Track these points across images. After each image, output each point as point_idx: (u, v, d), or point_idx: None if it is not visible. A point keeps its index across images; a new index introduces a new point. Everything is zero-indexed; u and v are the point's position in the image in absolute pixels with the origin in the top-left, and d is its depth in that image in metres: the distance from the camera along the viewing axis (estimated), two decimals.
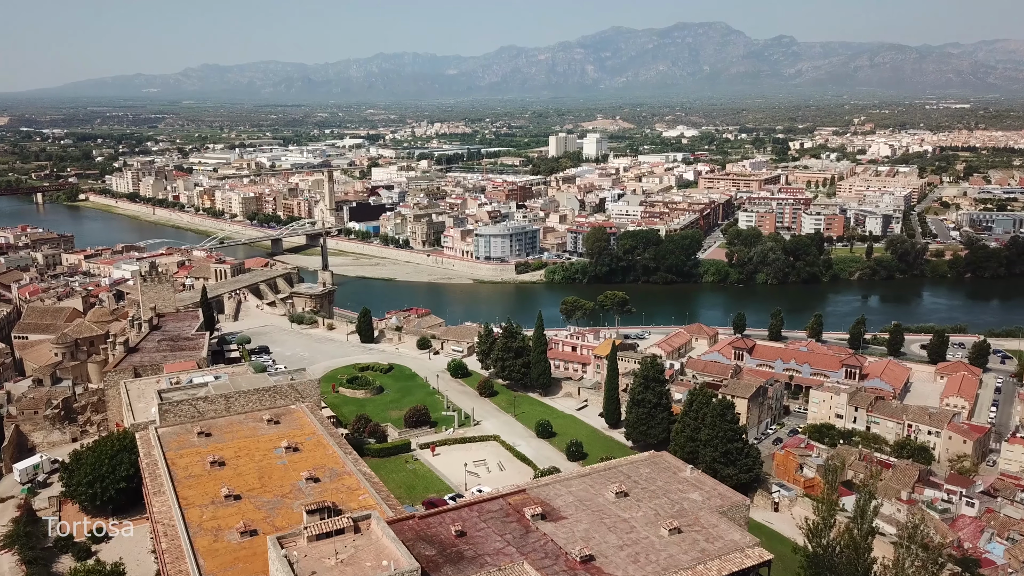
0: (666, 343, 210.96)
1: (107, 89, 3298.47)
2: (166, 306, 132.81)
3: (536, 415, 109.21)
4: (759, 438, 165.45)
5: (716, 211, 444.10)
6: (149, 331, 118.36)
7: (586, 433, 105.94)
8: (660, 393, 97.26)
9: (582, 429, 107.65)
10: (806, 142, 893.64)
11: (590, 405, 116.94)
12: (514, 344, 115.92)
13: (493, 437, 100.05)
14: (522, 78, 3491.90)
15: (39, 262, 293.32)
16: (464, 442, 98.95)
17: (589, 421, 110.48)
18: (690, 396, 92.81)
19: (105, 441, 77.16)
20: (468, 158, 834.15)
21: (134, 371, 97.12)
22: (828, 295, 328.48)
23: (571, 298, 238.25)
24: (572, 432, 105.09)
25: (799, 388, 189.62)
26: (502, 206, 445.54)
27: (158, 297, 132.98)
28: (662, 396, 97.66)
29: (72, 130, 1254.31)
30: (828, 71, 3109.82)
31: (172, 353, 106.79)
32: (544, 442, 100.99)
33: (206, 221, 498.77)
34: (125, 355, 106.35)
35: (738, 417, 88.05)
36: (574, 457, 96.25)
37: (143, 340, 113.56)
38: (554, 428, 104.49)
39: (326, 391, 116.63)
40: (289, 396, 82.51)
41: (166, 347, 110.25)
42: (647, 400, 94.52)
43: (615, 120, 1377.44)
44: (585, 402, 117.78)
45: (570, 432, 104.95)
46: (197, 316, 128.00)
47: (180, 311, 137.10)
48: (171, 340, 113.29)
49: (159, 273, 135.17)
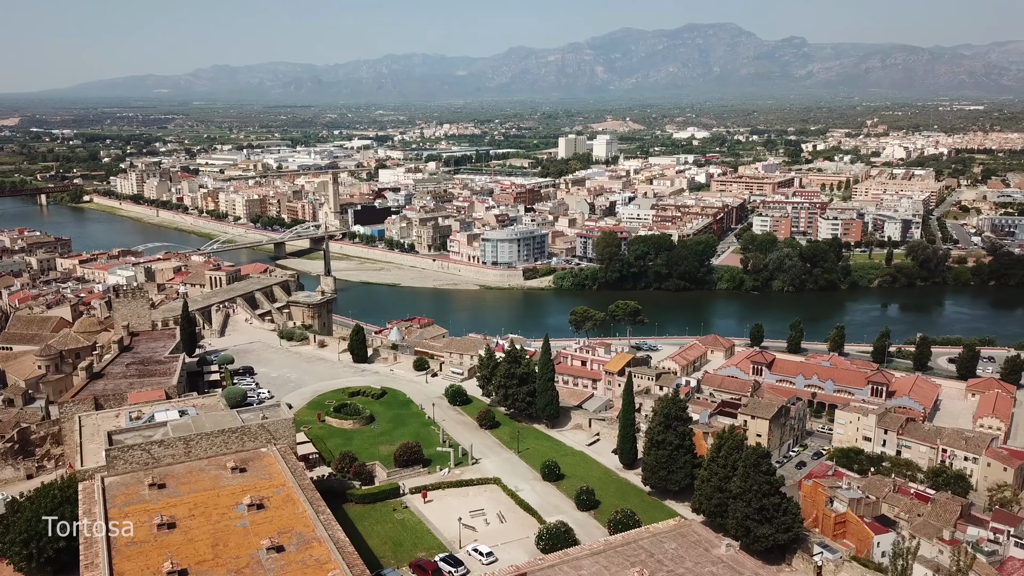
0: (680, 356, 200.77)
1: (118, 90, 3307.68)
2: (141, 324, 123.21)
3: (542, 452, 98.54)
4: (781, 461, 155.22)
5: (730, 215, 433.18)
6: (119, 352, 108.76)
7: (598, 475, 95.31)
8: (683, 434, 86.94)
9: (593, 470, 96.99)
10: (819, 144, 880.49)
11: (602, 439, 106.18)
12: (518, 370, 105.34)
13: (493, 480, 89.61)
14: (531, 79, 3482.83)
15: (33, 267, 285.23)
16: (461, 485, 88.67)
17: (601, 459, 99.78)
18: (718, 440, 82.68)
19: (46, 490, 67.97)
20: (477, 160, 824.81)
21: (95, 401, 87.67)
22: (846, 303, 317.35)
23: (581, 308, 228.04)
24: (582, 474, 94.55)
25: (821, 406, 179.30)
26: (510, 209, 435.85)
27: (132, 314, 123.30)
28: (685, 437, 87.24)
29: (81, 131, 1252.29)
30: (839, 72, 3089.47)
31: (140, 380, 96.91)
32: (551, 486, 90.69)
33: (209, 223, 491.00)
34: (87, 381, 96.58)
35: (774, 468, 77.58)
36: (584, 506, 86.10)
37: (110, 363, 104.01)
38: (562, 469, 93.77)
39: (311, 420, 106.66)
40: (260, 438, 72.91)
41: (135, 372, 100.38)
42: (668, 441, 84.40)
43: (625, 121, 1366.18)
44: (597, 436, 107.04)
45: (580, 473, 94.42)
46: (174, 335, 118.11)
47: (157, 329, 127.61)
48: (141, 364, 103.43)
49: (134, 288, 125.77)
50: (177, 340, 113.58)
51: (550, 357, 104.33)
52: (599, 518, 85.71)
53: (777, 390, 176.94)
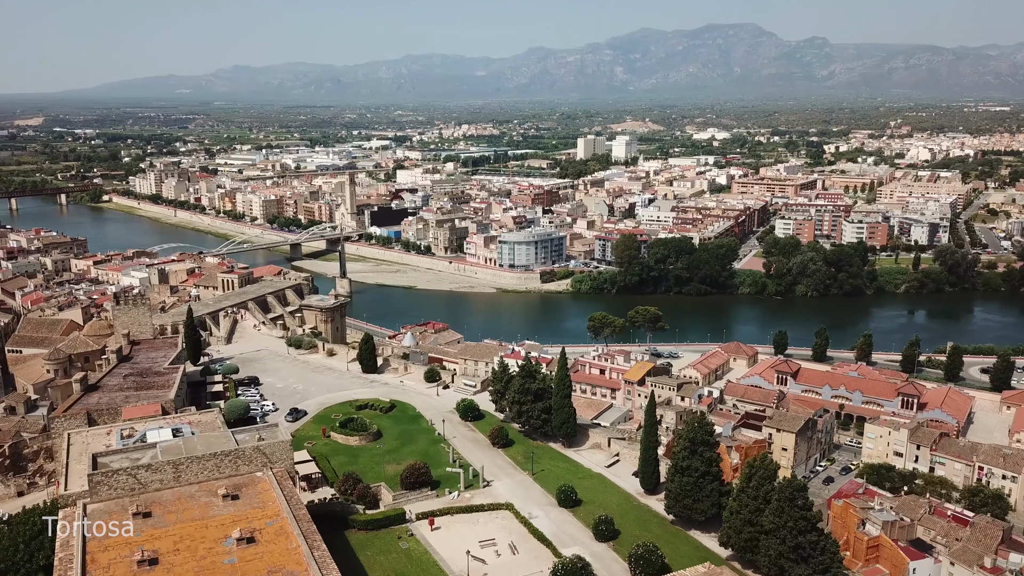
0: (702, 364, 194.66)
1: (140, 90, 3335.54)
2: (142, 332, 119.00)
3: (558, 474, 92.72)
4: (807, 476, 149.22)
5: (751, 217, 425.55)
6: (117, 363, 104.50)
7: (617, 501, 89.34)
8: (709, 460, 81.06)
9: (613, 495, 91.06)
10: (841, 145, 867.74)
11: (622, 460, 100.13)
12: (533, 385, 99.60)
13: (505, 506, 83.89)
14: (550, 80, 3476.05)
15: (48, 268, 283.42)
16: (471, 511, 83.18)
17: (621, 483, 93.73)
18: (749, 468, 77.01)
19: (27, 517, 63.77)
20: (495, 160, 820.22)
21: (87, 416, 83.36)
22: (872, 309, 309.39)
23: (599, 314, 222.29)
24: (601, 499, 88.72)
25: (849, 418, 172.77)
26: (528, 211, 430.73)
27: (132, 322, 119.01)
28: (711, 463, 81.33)
29: (103, 130, 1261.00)
30: (862, 73, 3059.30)
31: (137, 392, 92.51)
32: (567, 513, 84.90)
33: (227, 224, 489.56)
34: (82, 394, 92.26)
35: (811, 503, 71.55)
36: (603, 537, 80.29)
37: (107, 374, 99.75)
38: (579, 494, 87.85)
39: (316, 436, 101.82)
40: (255, 461, 68.28)
41: (132, 384, 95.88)
42: (693, 468, 78.64)
43: (645, 122, 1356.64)
44: (616, 457, 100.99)
45: (598, 499, 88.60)
46: (175, 344, 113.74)
47: (159, 337, 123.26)
48: (139, 375, 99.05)
49: (135, 295, 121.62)
50: (179, 349, 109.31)
51: (567, 372, 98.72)
52: (619, 550, 79.99)
53: (802, 401, 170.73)
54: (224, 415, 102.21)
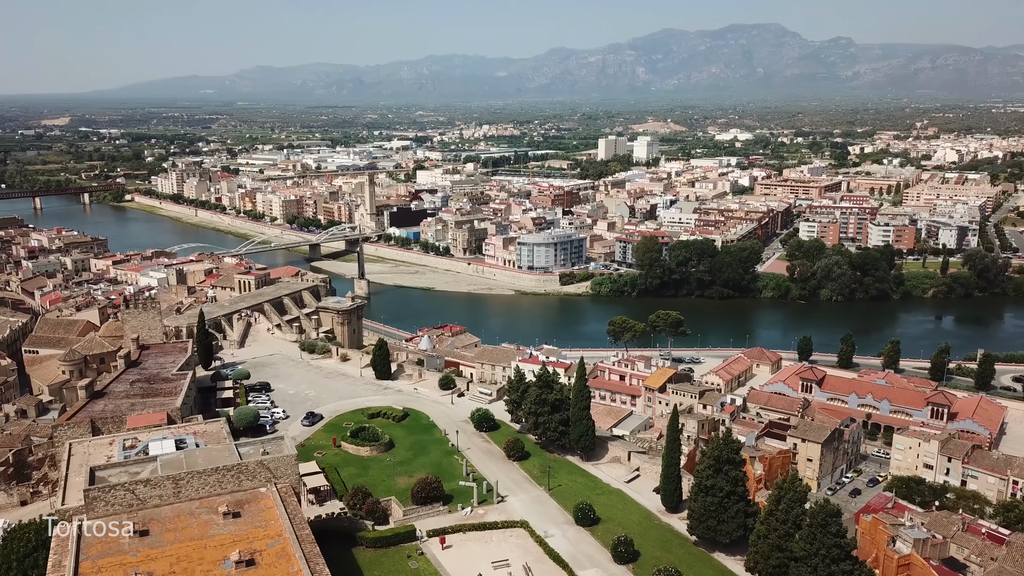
0: (724, 370, 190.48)
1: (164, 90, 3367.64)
2: (151, 336, 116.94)
3: (575, 490, 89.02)
4: (833, 488, 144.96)
5: (775, 220, 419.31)
6: (125, 368, 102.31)
7: (637, 519, 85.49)
8: (735, 479, 77.21)
9: (633, 513, 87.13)
10: (866, 146, 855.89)
11: (643, 475, 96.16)
12: (550, 396, 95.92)
13: (520, 524, 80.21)
14: (572, 80, 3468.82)
15: (67, 267, 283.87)
16: (484, 528, 79.76)
17: (641, 500, 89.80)
18: (778, 490, 73.26)
19: (22, 532, 61.53)
20: (515, 161, 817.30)
21: (92, 424, 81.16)
22: (898, 314, 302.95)
23: (620, 318, 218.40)
24: (620, 517, 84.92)
25: (876, 427, 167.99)
26: (547, 212, 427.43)
27: (142, 326, 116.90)
28: (737, 483, 77.46)
29: (128, 130, 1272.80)
30: (887, 73, 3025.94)
31: (143, 400, 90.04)
32: (584, 532, 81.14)
33: (246, 224, 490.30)
34: (87, 401, 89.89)
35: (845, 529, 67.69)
36: (622, 559, 76.63)
37: (114, 380, 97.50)
38: (597, 511, 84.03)
39: (326, 445, 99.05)
40: (258, 476, 65.63)
41: (139, 391, 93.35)
42: (718, 487, 74.91)
43: (666, 123, 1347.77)
44: (637, 472, 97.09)
45: (617, 516, 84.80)
46: (185, 349, 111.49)
47: (169, 342, 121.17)
48: (147, 381, 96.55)
49: (145, 299, 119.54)
50: (189, 354, 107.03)
51: (585, 384, 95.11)
52: (639, 573, 76.45)
53: (828, 410, 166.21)
54: (233, 423, 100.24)
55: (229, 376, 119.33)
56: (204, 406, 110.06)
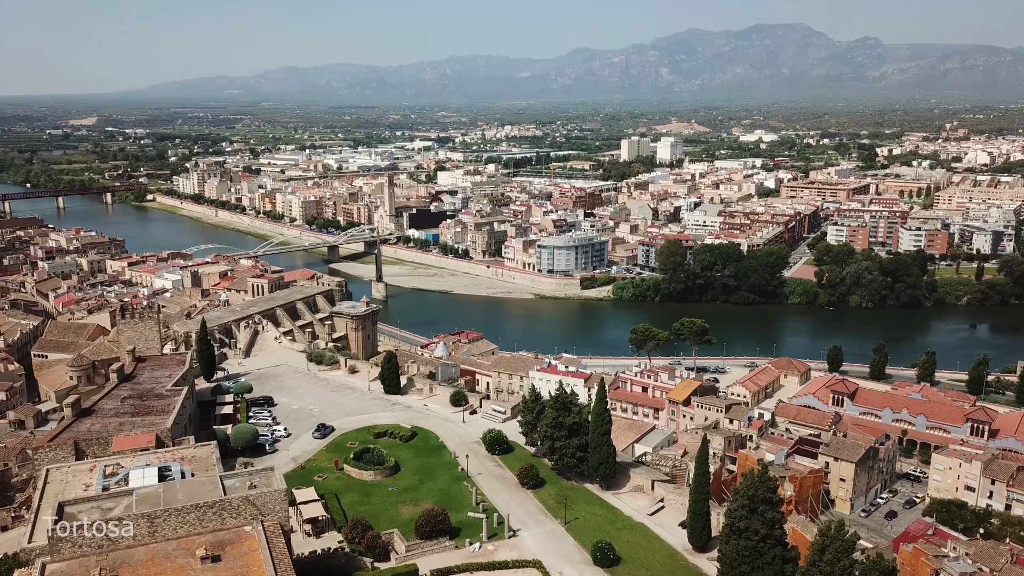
0: (751, 381, 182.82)
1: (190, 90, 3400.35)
2: (149, 347, 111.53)
3: (594, 524, 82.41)
4: (867, 510, 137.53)
5: (802, 223, 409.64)
6: (117, 383, 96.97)
7: (661, 559, 78.36)
8: (772, 521, 70.27)
9: (657, 552, 79.89)
10: (894, 148, 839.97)
11: (668, 507, 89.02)
12: (567, 419, 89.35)
13: (533, 563, 74.10)
14: (595, 80, 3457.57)
15: (83, 268, 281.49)
16: (493, 568, 73.16)
17: (666, 536, 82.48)
18: (822, 538, 66.59)
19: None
20: (537, 162, 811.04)
21: (75, 447, 75.61)
22: (931, 322, 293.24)
23: (642, 326, 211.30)
24: (643, 557, 77.79)
25: (912, 444, 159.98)
26: (568, 214, 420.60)
27: (139, 337, 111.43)
28: (774, 525, 70.51)
29: (154, 130, 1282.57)
30: (915, 74, 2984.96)
31: (133, 419, 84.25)
32: (603, 574, 74.70)
33: (266, 224, 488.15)
34: (73, 420, 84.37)
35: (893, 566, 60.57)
36: None
37: (104, 397, 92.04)
38: (618, 549, 76.66)
39: (328, 468, 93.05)
40: (243, 514, 59.89)
41: (129, 409, 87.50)
42: (752, 530, 68.13)
43: (690, 124, 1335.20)
44: (661, 503, 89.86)
45: (640, 556, 77.67)
46: (183, 361, 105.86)
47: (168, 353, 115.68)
48: (139, 398, 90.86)
49: (142, 308, 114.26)
50: (186, 368, 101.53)
51: (606, 407, 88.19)
52: None
53: (861, 425, 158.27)
54: (231, 442, 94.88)
55: (231, 389, 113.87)
56: (203, 421, 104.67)
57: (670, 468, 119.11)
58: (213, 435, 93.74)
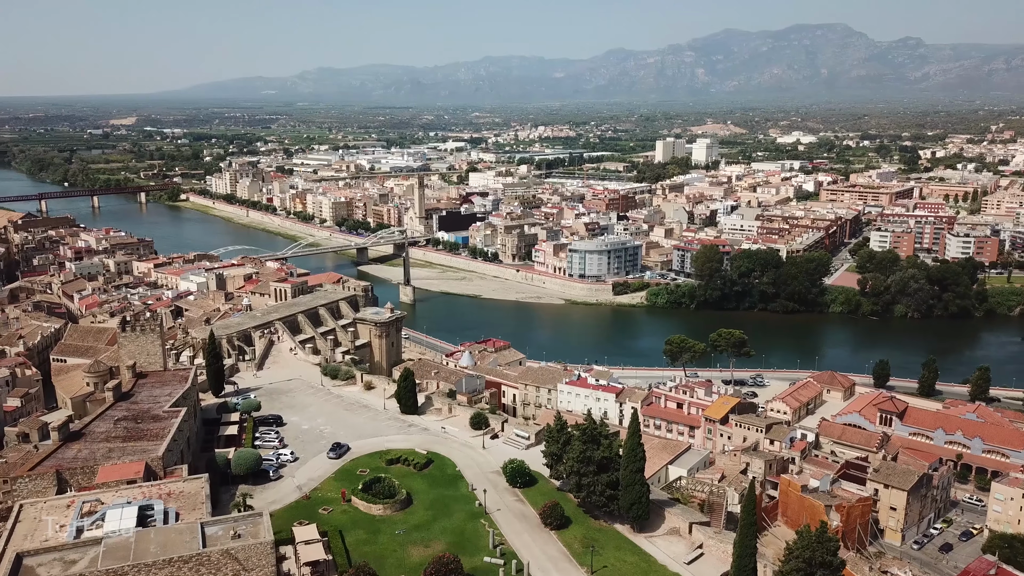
0: (792, 397, 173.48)
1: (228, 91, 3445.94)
2: (151, 363, 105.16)
3: (624, 573, 74.22)
4: (920, 541, 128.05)
5: (843, 228, 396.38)
6: (113, 402, 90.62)
7: None
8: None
9: None
10: (937, 151, 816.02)
11: (707, 554, 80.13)
12: (596, 454, 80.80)
13: None
14: (630, 81, 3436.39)
15: (110, 270, 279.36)
16: None
17: None
18: None
19: None
20: (570, 163, 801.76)
21: (57, 476, 69.16)
22: (981, 334, 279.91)
23: (678, 337, 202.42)
24: None
25: (966, 468, 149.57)
26: (601, 217, 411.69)
27: (140, 352, 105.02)
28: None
29: (191, 130, 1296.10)
30: (959, 75, 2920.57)
31: (124, 444, 77.22)
32: None
33: (296, 225, 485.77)
34: (60, 445, 77.93)
35: None
36: None
37: (97, 418, 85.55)
38: None
39: (335, 499, 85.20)
40: (223, 569, 53.17)
41: (121, 432, 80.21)
42: None
43: (726, 125, 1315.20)
44: (700, 550, 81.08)
45: None
46: (186, 378, 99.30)
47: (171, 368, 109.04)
48: (133, 420, 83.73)
49: (145, 320, 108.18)
50: (187, 386, 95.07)
51: (640, 441, 79.42)
52: None
53: (911, 447, 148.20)
54: (231, 468, 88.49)
55: (238, 407, 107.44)
56: (207, 441, 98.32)
57: (707, 495, 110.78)
58: (213, 460, 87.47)
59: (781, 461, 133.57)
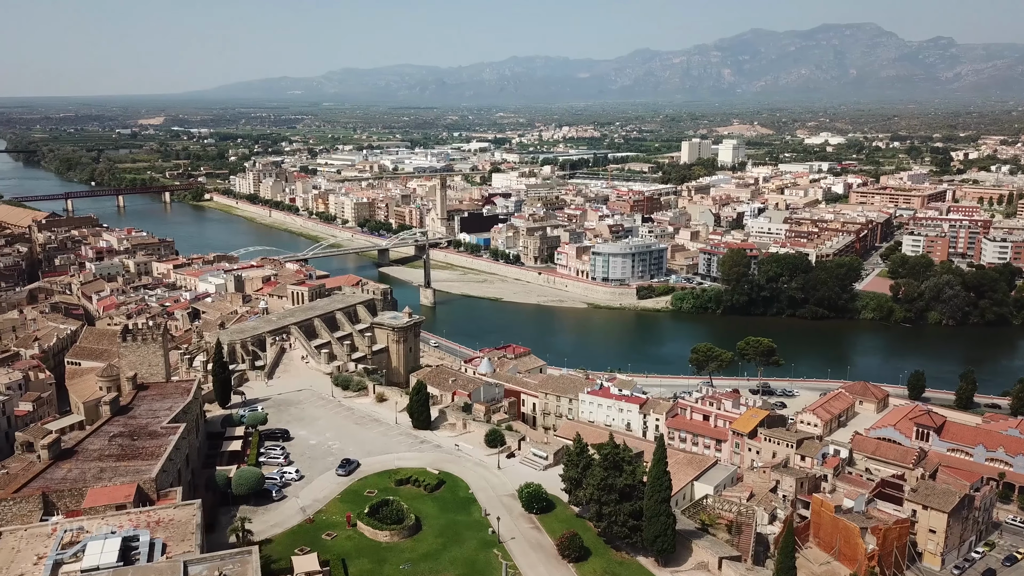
0: (822, 408, 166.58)
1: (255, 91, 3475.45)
2: (153, 375, 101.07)
3: None
4: (960, 566, 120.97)
5: (874, 232, 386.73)
6: (110, 416, 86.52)
7: None
8: None
9: None
10: (970, 152, 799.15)
11: None
12: (619, 481, 75.43)
13: None
14: (655, 81, 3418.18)
15: (130, 270, 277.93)
16: None
17: None
18: None
19: None
20: (594, 164, 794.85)
21: (44, 500, 65.07)
22: (1018, 343, 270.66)
23: (704, 345, 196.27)
24: None
25: (1009, 487, 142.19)
26: (625, 219, 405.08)
27: (141, 362, 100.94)
28: None
29: (217, 130, 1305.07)
30: (991, 75, 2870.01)
31: (116, 464, 72.91)
32: None
33: (318, 226, 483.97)
34: (49, 464, 73.98)
35: None
36: None
37: (91, 434, 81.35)
38: None
39: (340, 523, 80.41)
40: None
41: (116, 450, 75.92)
42: None
43: (753, 125, 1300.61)
44: None
45: None
46: (188, 391, 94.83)
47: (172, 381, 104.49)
48: (130, 436, 79.37)
49: (147, 329, 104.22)
50: (188, 399, 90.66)
51: (665, 468, 73.90)
52: None
53: (950, 465, 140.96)
54: (232, 488, 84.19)
55: (243, 420, 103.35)
56: (210, 457, 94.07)
57: (734, 515, 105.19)
58: (213, 479, 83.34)
59: (813, 479, 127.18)
